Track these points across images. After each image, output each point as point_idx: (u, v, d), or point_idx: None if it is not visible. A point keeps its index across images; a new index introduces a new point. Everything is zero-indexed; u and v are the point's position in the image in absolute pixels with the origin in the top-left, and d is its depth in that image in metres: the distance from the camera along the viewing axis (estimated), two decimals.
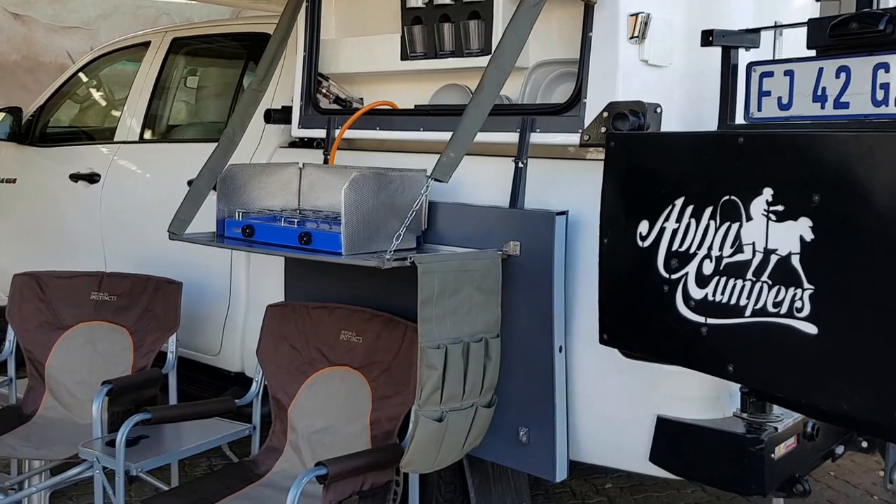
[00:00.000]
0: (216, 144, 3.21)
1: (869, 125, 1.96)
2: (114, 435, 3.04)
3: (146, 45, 4.70)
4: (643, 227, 2.12)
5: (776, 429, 2.52)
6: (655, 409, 2.60)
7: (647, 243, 2.11)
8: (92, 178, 4.60)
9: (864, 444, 2.94)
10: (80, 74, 5.18)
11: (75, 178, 4.68)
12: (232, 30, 4.49)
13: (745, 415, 2.55)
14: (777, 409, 2.59)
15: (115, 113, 4.91)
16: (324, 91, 3.49)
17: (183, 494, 2.88)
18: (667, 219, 2.05)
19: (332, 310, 3.10)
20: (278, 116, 3.59)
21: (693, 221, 2.00)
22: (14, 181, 5.16)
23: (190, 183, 3.96)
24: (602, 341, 2.34)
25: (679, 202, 2.03)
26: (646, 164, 2.18)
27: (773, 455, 2.50)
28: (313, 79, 3.44)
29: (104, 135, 5.00)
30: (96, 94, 5.31)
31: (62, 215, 4.77)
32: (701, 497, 4.07)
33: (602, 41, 2.59)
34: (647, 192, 2.12)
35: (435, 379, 2.43)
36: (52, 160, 4.99)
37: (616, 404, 2.68)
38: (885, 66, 1.95)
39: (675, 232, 2.04)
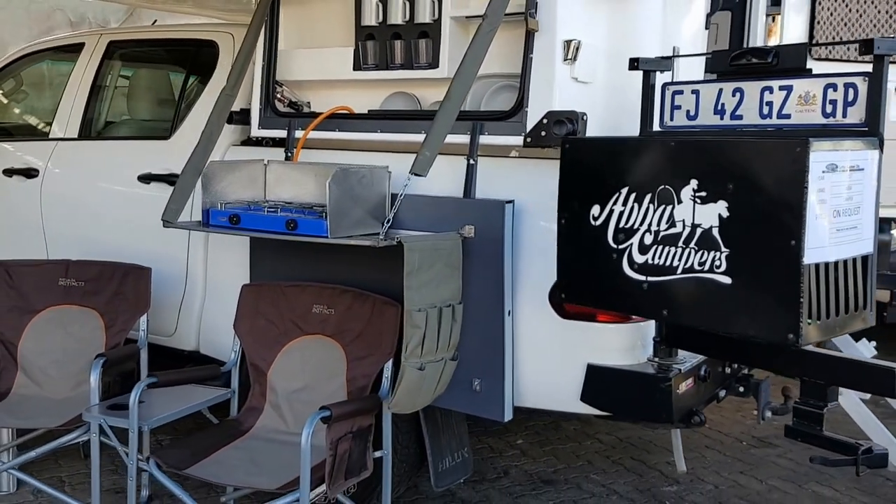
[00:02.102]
0: (197, 143, 3.60)
1: (758, 133, 2.65)
2: (111, 401, 3.46)
3: (79, 45, 4.95)
4: (595, 210, 2.74)
5: (679, 370, 3.19)
6: (586, 359, 3.23)
7: (598, 222, 2.73)
8: (29, 173, 4.82)
9: (741, 389, 3.64)
10: (4, 72, 5.35)
11: (9, 172, 4.89)
12: (170, 36, 4.84)
13: (656, 359, 3.22)
14: (681, 354, 3.28)
15: (48, 110, 5.12)
16: (278, 96, 3.94)
17: (184, 446, 3.29)
18: (615, 203, 2.68)
19: (304, 287, 3.57)
20: (238, 118, 4.01)
21: (636, 205, 2.63)
22: None
23: (140, 178, 4.37)
24: (561, 300, 2.95)
25: (624, 191, 2.66)
26: (596, 162, 2.79)
27: (678, 391, 3.18)
28: (271, 85, 3.88)
29: (36, 131, 5.21)
30: (22, 92, 5.48)
31: None
32: (599, 447, 4.77)
33: (541, 61, 3.18)
34: (597, 184, 2.74)
35: (418, 336, 2.97)
36: None
37: (553, 357, 3.27)
38: (770, 89, 2.64)
39: (621, 213, 2.67)
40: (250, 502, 3.78)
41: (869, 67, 2.46)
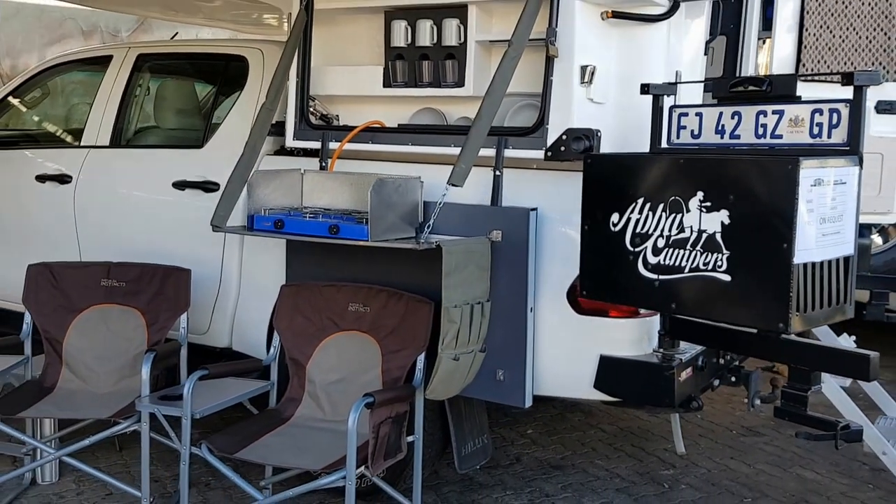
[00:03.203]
0: (245, 155, 3.92)
1: (754, 151, 3.02)
2: (159, 392, 3.78)
3: (107, 58, 5.23)
4: (615, 217, 3.11)
5: (681, 360, 3.56)
6: (599, 351, 3.58)
7: (617, 228, 3.11)
8: (62, 179, 5.09)
9: (733, 379, 4.01)
10: (31, 83, 5.62)
11: (42, 178, 5.16)
12: (201, 50, 5.15)
13: (660, 350, 3.59)
14: (682, 346, 3.65)
15: (77, 119, 5.39)
16: (311, 109, 4.27)
17: (231, 433, 3.61)
18: (632, 211, 3.06)
19: (339, 287, 3.90)
20: (273, 130, 4.32)
21: (650, 213, 3.01)
22: None
23: (175, 184, 4.68)
24: (583, 296, 3.32)
25: (640, 201, 3.04)
26: (615, 176, 3.17)
27: (679, 378, 3.55)
28: (306, 99, 4.21)
29: (67, 139, 5.48)
30: (50, 102, 5.75)
31: (31, 214, 5.21)
32: (602, 436, 5.13)
33: (560, 84, 3.53)
34: (617, 194, 3.12)
35: (454, 330, 3.32)
36: (9, 162, 5.38)
37: (569, 349, 3.62)
38: (764, 112, 3.02)
39: (637, 220, 3.05)
40: (284, 488, 4.09)
41: (849, 93, 2.85)
